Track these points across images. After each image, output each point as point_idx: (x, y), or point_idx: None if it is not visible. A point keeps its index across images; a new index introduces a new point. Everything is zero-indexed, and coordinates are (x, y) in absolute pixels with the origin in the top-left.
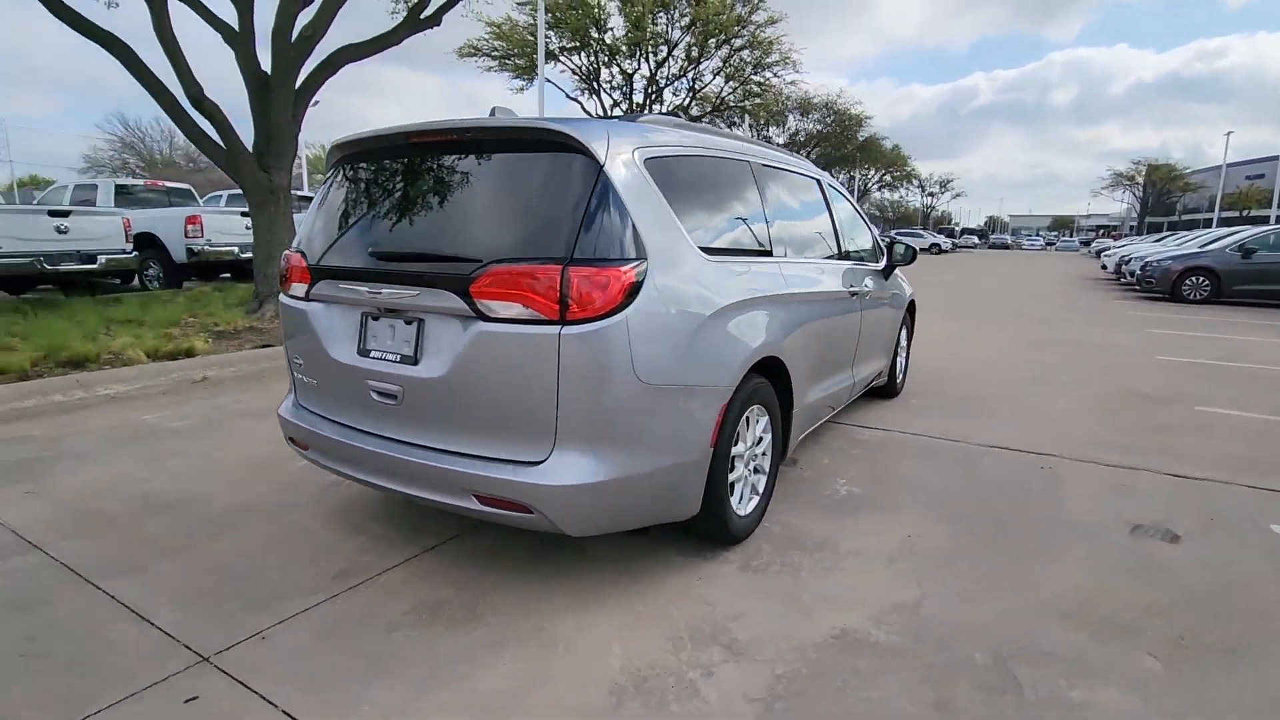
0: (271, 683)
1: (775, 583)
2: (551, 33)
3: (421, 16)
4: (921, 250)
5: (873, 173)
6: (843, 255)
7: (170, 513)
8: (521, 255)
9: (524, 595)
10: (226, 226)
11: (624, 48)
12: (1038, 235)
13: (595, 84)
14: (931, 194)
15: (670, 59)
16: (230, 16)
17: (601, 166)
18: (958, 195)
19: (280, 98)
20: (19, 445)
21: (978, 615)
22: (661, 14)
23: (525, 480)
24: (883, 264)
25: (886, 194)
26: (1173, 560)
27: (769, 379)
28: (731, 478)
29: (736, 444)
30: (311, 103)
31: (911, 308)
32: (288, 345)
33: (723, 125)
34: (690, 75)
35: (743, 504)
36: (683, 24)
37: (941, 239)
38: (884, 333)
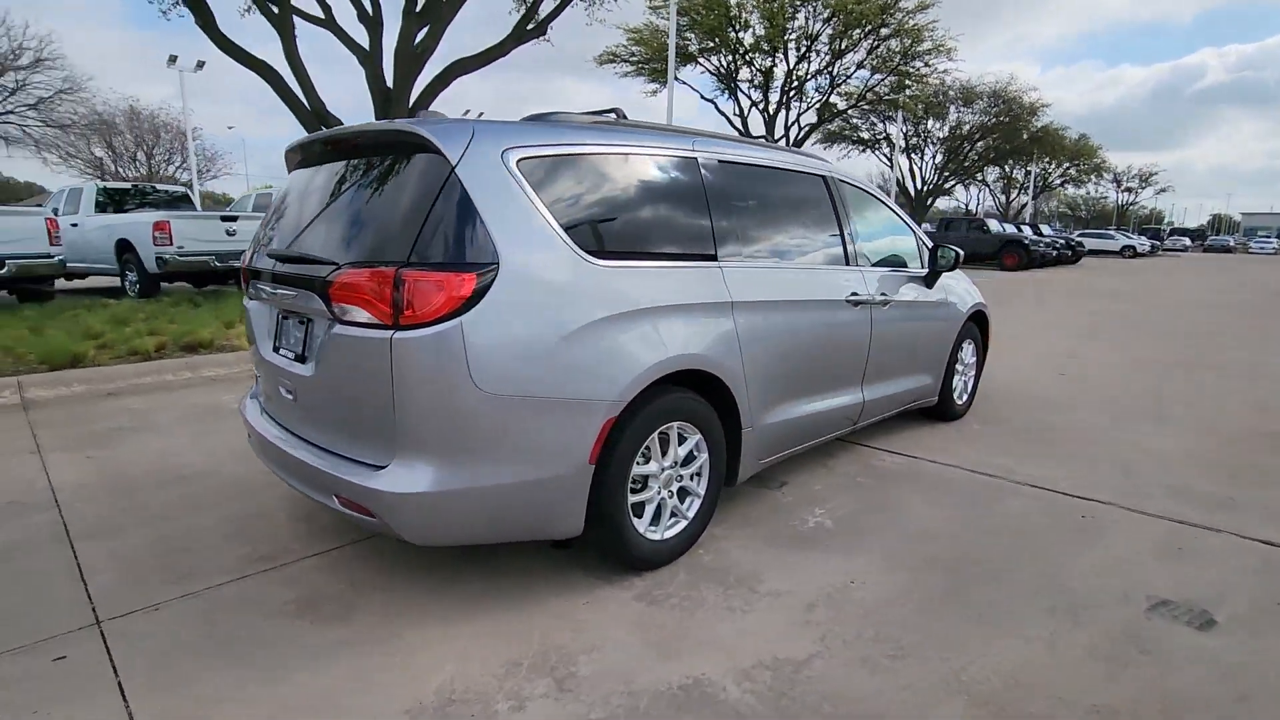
0: (130, 653)
1: (663, 617)
2: (691, 34)
3: (528, 28)
4: (1112, 254)
5: (1053, 166)
6: (853, 260)
7: (178, 486)
8: (368, 258)
9: (405, 600)
10: (201, 233)
11: (764, 45)
12: (1275, 236)
13: (733, 84)
14: (1129, 189)
15: (811, 54)
16: (361, 37)
17: (453, 167)
18: (1162, 190)
19: (398, 112)
20: (117, 416)
21: (867, 687)
22: (801, 8)
23: (368, 484)
24: (925, 271)
25: (1073, 190)
26: (1181, 653)
27: (705, 394)
28: (639, 498)
29: (648, 463)
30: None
31: (980, 319)
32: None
33: (875, 120)
34: (834, 69)
35: (659, 528)
36: (824, 16)
37: (1139, 240)
38: (925, 347)
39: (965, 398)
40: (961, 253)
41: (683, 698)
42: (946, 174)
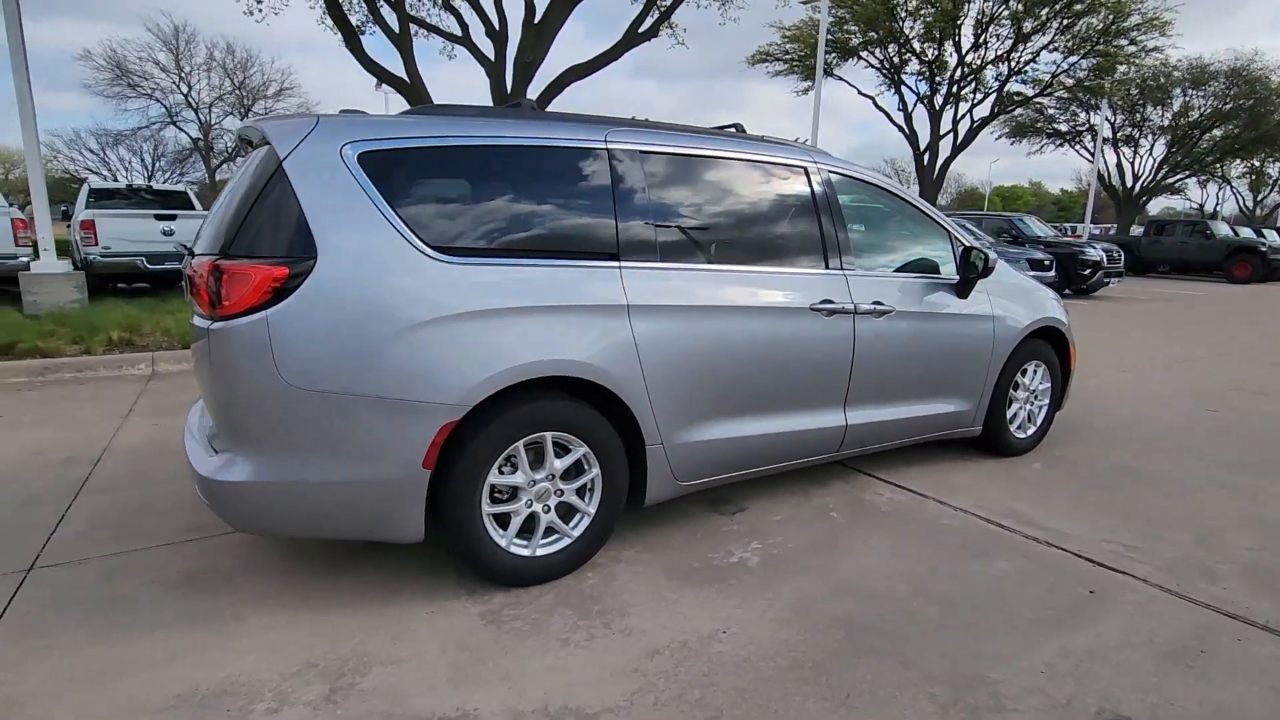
0: (28, 599)
1: (490, 639)
2: (855, 26)
3: (640, 30)
4: None
5: None
6: (836, 263)
7: None
8: (206, 251)
9: (279, 584)
10: (132, 233)
11: (934, 31)
12: None
13: (898, 77)
14: None
15: (989, 38)
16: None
17: (281, 161)
18: None
19: None
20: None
21: None
22: None
23: (198, 470)
24: (956, 278)
25: None
26: None
27: (598, 406)
28: (504, 509)
29: (515, 473)
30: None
31: (1054, 338)
32: None
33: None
34: (1016, 54)
35: (530, 544)
36: None
37: None
38: (953, 367)
39: (1032, 431)
40: (994, 256)
41: None
42: (1170, 168)
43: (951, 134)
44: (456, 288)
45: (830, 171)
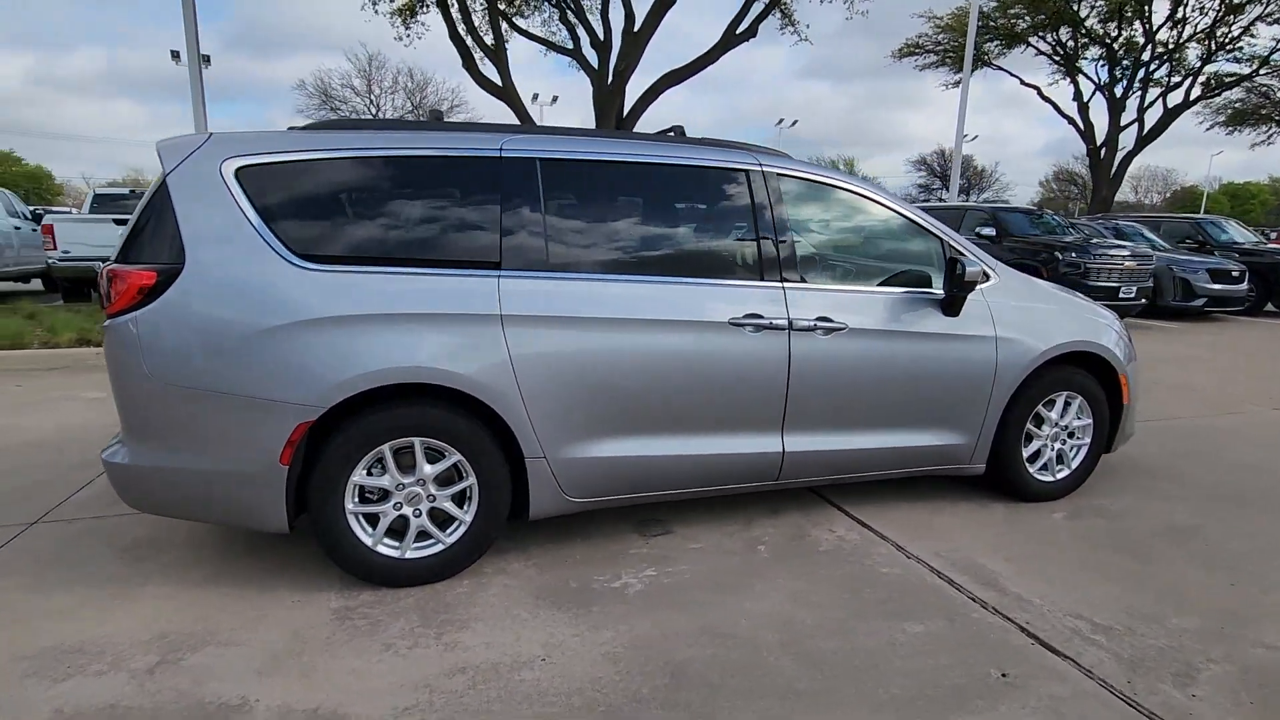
0: (14, 549)
1: (327, 634)
2: (1022, 9)
3: (737, 31)
4: None
5: None
6: (779, 274)
7: None
8: (112, 257)
9: (189, 560)
10: (91, 237)
11: (1125, 9)
12: None
13: (1074, 64)
14: None
15: (1189, 12)
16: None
17: (165, 176)
18: None
19: (604, 125)
20: None
21: None
22: None
23: (101, 452)
24: (942, 295)
25: None
26: None
27: (476, 415)
28: (372, 510)
29: (384, 475)
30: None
31: (1094, 365)
32: None
33: None
34: (1225, 28)
35: (402, 546)
36: None
37: None
38: (938, 393)
39: (1064, 474)
40: (987, 269)
41: (212, 708)
42: None
43: (1136, 124)
44: (316, 294)
45: (782, 176)
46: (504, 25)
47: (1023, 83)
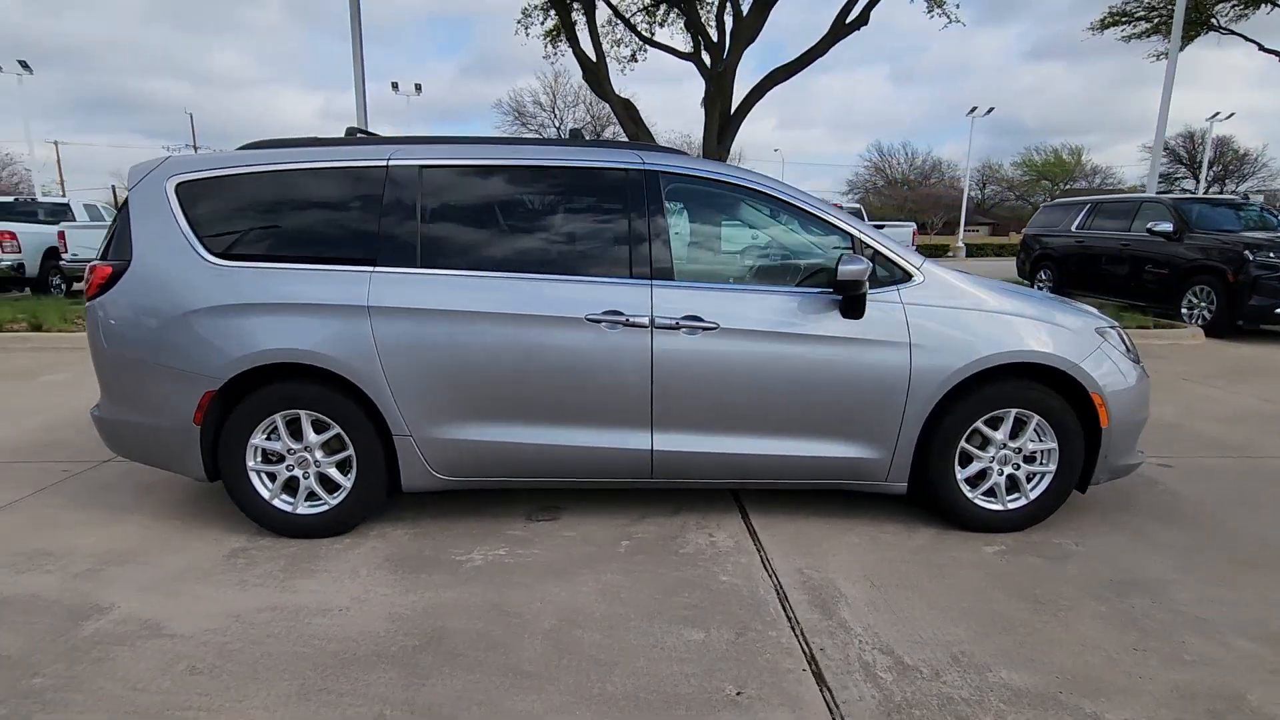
0: (77, 479)
1: (210, 566)
2: None
3: (847, 21)
4: None
5: None
6: (645, 270)
7: None
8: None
9: (165, 498)
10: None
11: None
12: None
13: None
14: None
15: None
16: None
17: (129, 193)
18: None
19: (709, 126)
20: None
21: None
22: None
23: (92, 409)
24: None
25: None
26: None
27: (351, 393)
28: (269, 469)
29: (277, 441)
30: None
31: (1063, 384)
32: None
33: None
34: None
35: (295, 501)
36: None
37: None
38: (828, 400)
39: (1020, 502)
40: (908, 268)
41: (88, 607)
42: None
43: None
44: (223, 285)
45: (667, 175)
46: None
47: (1261, 48)
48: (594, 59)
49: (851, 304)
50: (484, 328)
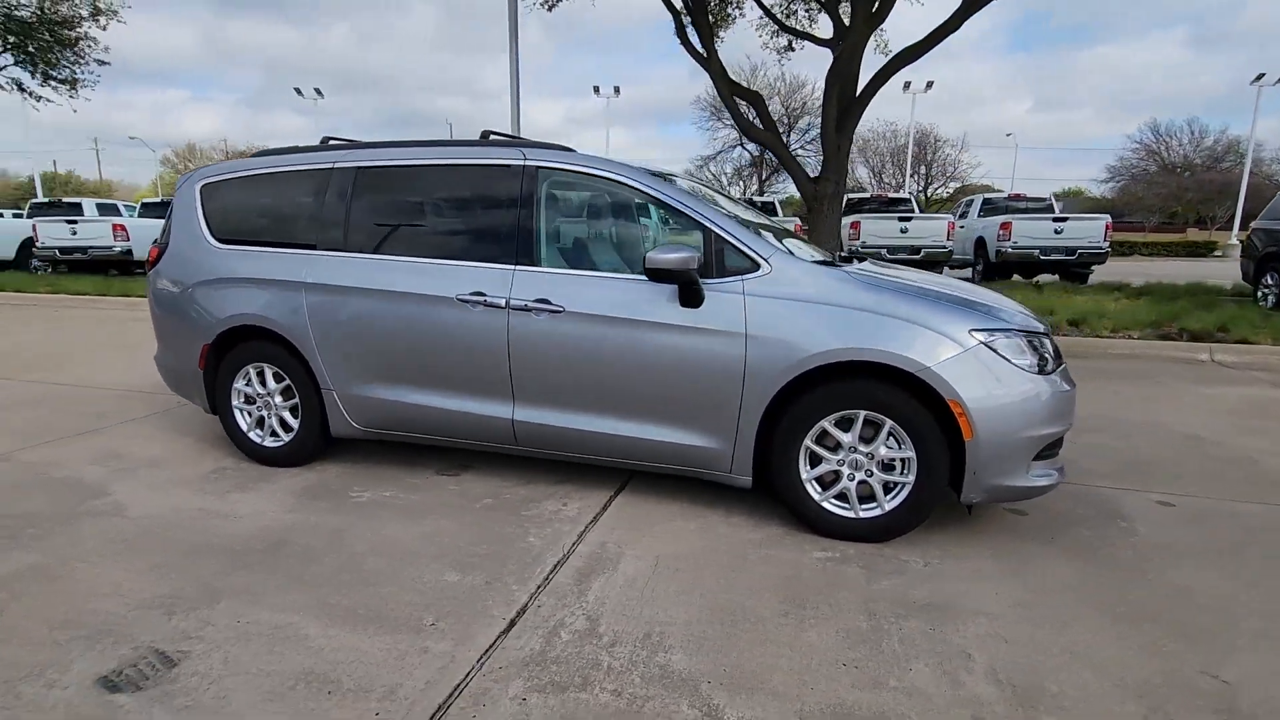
0: (167, 410)
1: (191, 478)
2: None
3: None
4: None
5: None
6: (511, 256)
7: None
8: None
9: (208, 427)
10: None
11: None
12: None
13: None
14: None
15: None
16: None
17: (175, 193)
18: None
19: (826, 114)
20: None
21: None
22: None
23: (154, 354)
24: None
25: None
26: None
27: (295, 353)
28: (246, 409)
29: (249, 386)
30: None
31: (919, 388)
32: None
33: None
34: None
35: (263, 435)
36: None
37: None
38: (663, 387)
39: (874, 512)
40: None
41: (94, 487)
42: None
43: None
44: (219, 263)
45: (544, 169)
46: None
47: None
48: (704, 54)
49: (687, 292)
50: (381, 303)
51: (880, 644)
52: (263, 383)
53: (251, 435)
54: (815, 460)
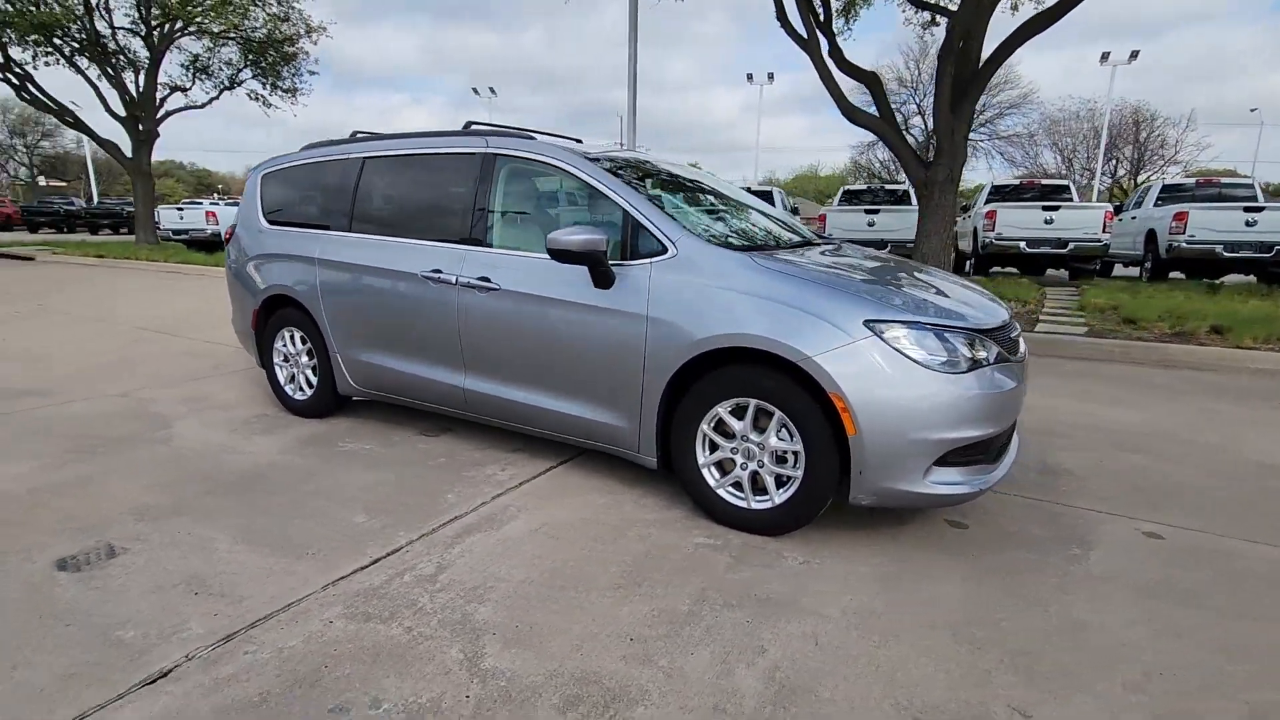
0: (231, 368)
1: (245, 419)
2: None
3: None
4: None
5: None
6: (483, 240)
7: None
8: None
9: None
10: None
11: None
12: None
13: None
14: None
15: None
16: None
17: (246, 185)
18: None
19: (940, 93)
20: None
21: None
22: None
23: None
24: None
25: None
26: None
27: (314, 321)
28: (284, 365)
29: (285, 345)
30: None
31: (805, 380)
32: None
33: None
34: None
35: (295, 391)
36: None
37: None
38: (577, 364)
39: (765, 505)
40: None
41: (168, 417)
42: None
43: None
44: (267, 242)
45: (501, 156)
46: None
47: None
48: (804, 36)
49: (596, 274)
50: (368, 278)
51: (683, 628)
52: (294, 344)
53: (286, 389)
54: (714, 447)
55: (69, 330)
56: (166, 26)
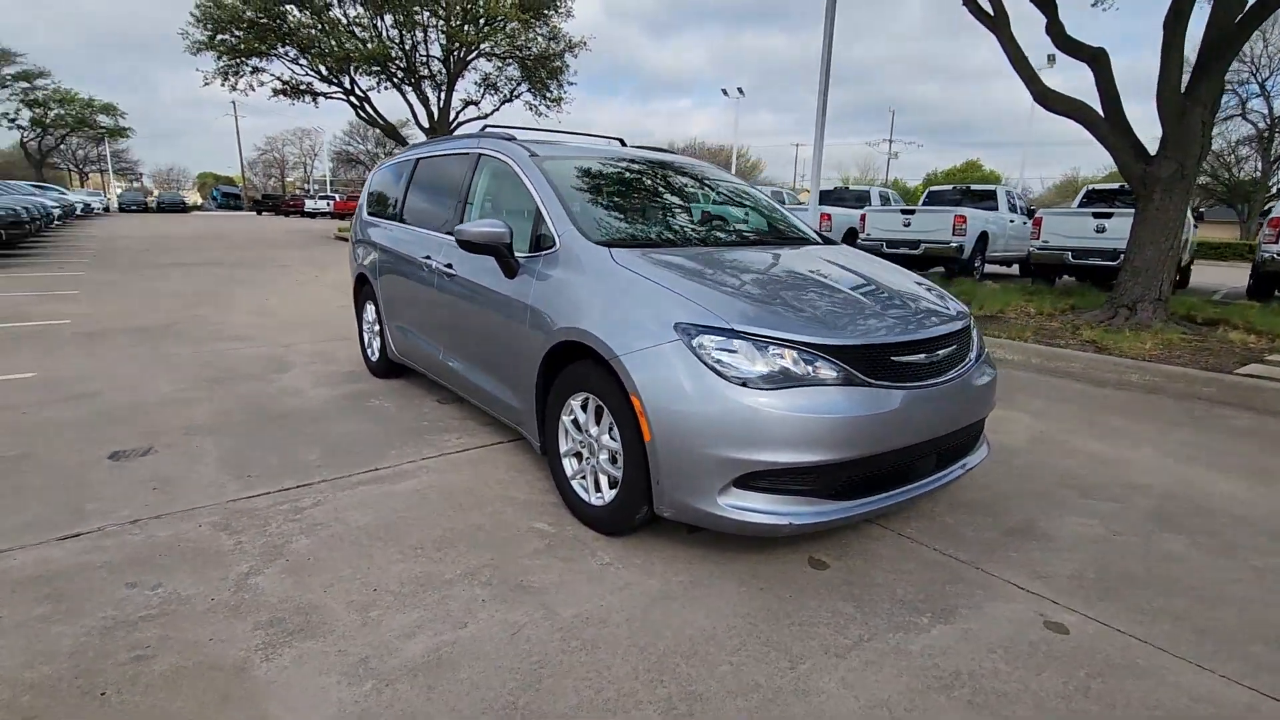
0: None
1: (314, 380)
2: None
3: None
4: None
5: None
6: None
7: None
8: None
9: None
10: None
11: None
12: None
13: None
14: None
15: None
16: None
17: (363, 181)
18: None
19: (1165, 74)
20: None
21: None
22: None
23: None
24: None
25: None
26: None
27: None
28: (368, 332)
29: (366, 314)
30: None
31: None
32: None
33: None
34: None
35: (372, 354)
36: None
37: None
38: (492, 349)
39: (599, 501)
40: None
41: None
42: None
43: None
44: (363, 229)
45: (485, 157)
46: None
47: None
48: (992, 14)
49: (502, 264)
50: (398, 261)
51: (424, 592)
52: (369, 315)
53: (367, 351)
54: (563, 435)
55: (316, 294)
56: (463, 52)
